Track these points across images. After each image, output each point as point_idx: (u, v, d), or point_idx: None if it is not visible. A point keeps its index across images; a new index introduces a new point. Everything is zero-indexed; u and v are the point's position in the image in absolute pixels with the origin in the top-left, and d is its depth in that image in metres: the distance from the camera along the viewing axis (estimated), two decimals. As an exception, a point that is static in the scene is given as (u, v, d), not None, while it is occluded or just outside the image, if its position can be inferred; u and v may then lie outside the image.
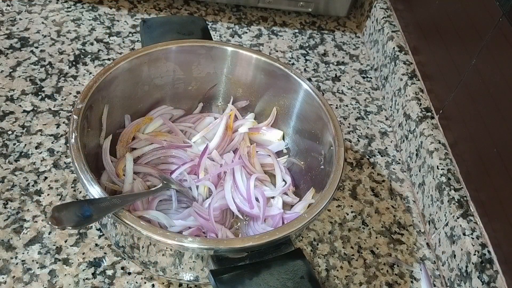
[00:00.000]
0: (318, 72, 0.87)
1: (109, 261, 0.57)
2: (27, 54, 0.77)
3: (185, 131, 0.68)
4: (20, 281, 0.53)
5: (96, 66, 0.78)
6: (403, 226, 0.67)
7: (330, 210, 0.67)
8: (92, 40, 0.83)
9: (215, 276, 0.45)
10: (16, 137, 0.66)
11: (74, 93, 0.74)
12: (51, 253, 0.56)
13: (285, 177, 0.65)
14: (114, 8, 0.90)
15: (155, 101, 0.67)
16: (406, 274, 0.62)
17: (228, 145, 0.66)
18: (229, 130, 0.67)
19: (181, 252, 0.48)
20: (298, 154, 0.67)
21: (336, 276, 0.60)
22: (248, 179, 0.60)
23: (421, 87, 0.76)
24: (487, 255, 0.56)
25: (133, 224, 0.46)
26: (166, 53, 0.63)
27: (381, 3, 0.92)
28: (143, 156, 0.63)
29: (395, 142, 0.78)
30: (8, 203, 0.59)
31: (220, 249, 0.46)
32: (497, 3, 0.60)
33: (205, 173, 0.61)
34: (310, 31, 0.95)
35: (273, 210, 0.59)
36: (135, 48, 0.83)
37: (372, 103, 0.84)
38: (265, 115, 0.69)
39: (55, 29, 0.83)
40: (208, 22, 0.91)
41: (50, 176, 0.63)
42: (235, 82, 0.69)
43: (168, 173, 0.61)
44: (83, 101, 0.54)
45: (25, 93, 0.72)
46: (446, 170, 0.65)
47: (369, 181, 0.72)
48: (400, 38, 0.85)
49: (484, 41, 0.62)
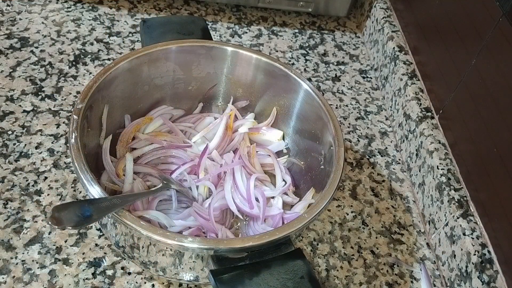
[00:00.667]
0: (318, 72, 0.87)
1: (109, 261, 0.57)
2: (27, 54, 0.77)
3: (185, 131, 0.68)
4: (20, 281, 0.53)
5: (96, 66, 0.78)
6: (403, 226, 0.67)
7: (330, 210, 0.67)
8: (92, 40, 0.83)
9: (215, 276, 0.45)
10: (16, 137, 0.66)
11: (74, 93, 0.74)
12: (51, 253, 0.56)
13: (285, 177, 0.65)
14: (114, 8, 0.90)
15: (155, 101, 0.67)
16: (406, 274, 0.62)
17: (228, 145, 0.66)
18: (229, 130, 0.67)
19: (181, 252, 0.48)
20: (298, 154, 0.67)
21: (336, 276, 0.60)
22: (248, 179, 0.60)
23: (421, 87, 0.76)
24: (487, 255, 0.56)
25: (133, 224, 0.46)
26: (166, 53, 0.63)
27: (381, 3, 0.92)
28: (143, 156, 0.63)
29: (395, 142, 0.78)
30: (8, 203, 0.59)
31: (220, 249, 0.46)
32: (497, 3, 0.60)
33: (205, 173, 0.61)
34: (310, 31, 0.95)
35: (273, 210, 0.59)
36: (135, 48, 0.83)
37: (372, 103, 0.84)
38: (265, 115, 0.69)
39: (55, 29, 0.83)
40: (208, 22, 0.91)
41: (50, 176, 0.63)
42: (235, 82, 0.69)
43: (168, 173, 0.61)
44: (83, 101, 0.54)
45: (25, 93, 0.72)
46: (446, 170, 0.65)
47: (369, 181, 0.72)
48: (400, 38, 0.85)
49: (484, 41, 0.62)
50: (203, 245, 0.46)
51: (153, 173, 0.61)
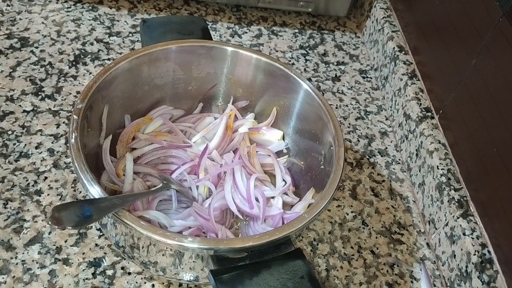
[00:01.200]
0: (318, 72, 0.87)
1: (109, 261, 0.57)
2: (27, 54, 0.77)
3: (185, 131, 0.68)
4: (20, 281, 0.53)
5: (96, 66, 0.78)
6: (403, 226, 0.67)
7: (330, 210, 0.67)
8: (92, 40, 0.83)
9: (215, 276, 0.45)
10: (16, 137, 0.66)
11: (74, 93, 0.74)
12: (51, 253, 0.56)
13: (285, 177, 0.65)
14: (114, 8, 0.90)
15: (155, 101, 0.67)
16: (406, 274, 0.62)
17: (228, 145, 0.66)
18: (229, 130, 0.67)
19: (181, 252, 0.48)
20: (298, 154, 0.67)
21: (336, 276, 0.60)
22: (248, 179, 0.60)
23: (421, 87, 0.76)
24: (487, 255, 0.56)
25: (133, 224, 0.46)
26: (166, 53, 0.63)
27: (381, 3, 0.92)
28: (143, 156, 0.63)
29: (395, 142, 0.78)
30: (8, 203, 0.59)
31: (220, 249, 0.46)
32: (497, 3, 0.60)
33: (205, 173, 0.61)
34: (310, 31, 0.95)
35: (273, 210, 0.59)
36: (135, 48, 0.83)
37: (372, 103, 0.84)
38: (265, 115, 0.69)
39: (55, 29, 0.83)
40: (208, 22, 0.91)
41: (50, 176, 0.63)
42: (235, 82, 0.69)
43: (168, 173, 0.61)
44: (83, 101, 0.54)
45: (25, 93, 0.72)
46: (446, 170, 0.65)
47: (369, 181, 0.72)
48: (400, 38, 0.85)
49: (484, 41, 0.62)
50: (203, 245, 0.46)
51: (153, 173, 0.61)
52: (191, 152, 0.64)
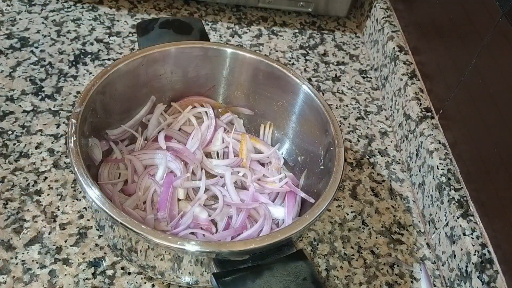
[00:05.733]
0: (318, 72, 0.87)
1: (109, 261, 0.57)
2: (27, 54, 0.77)
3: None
4: (20, 281, 0.53)
5: (96, 66, 0.78)
6: (403, 226, 0.67)
7: (330, 210, 0.67)
8: (92, 40, 0.83)
9: (218, 279, 0.45)
10: (16, 137, 0.66)
11: (74, 93, 0.74)
12: (51, 253, 0.56)
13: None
14: (114, 8, 0.90)
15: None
16: (406, 274, 0.62)
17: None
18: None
19: (180, 256, 0.48)
20: (298, 154, 0.67)
21: (336, 276, 0.60)
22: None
23: (421, 87, 0.76)
24: (487, 255, 0.56)
25: (134, 227, 0.46)
26: (163, 55, 0.63)
27: (381, 3, 0.92)
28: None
29: (395, 142, 0.78)
30: (8, 203, 0.59)
31: (222, 252, 0.46)
32: (497, 3, 0.60)
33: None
34: (310, 31, 0.95)
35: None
36: (135, 48, 0.83)
37: (372, 103, 0.84)
38: (264, 116, 0.69)
39: (55, 29, 0.83)
40: (208, 22, 0.91)
41: (50, 176, 0.63)
42: (233, 84, 0.68)
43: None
44: (81, 105, 0.54)
45: (25, 93, 0.72)
46: (446, 170, 0.65)
47: (369, 181, 0.72)
48: (400, 38, 0.85)
49: (484, 41, 0.62)
50: (205, 248, 0.45)
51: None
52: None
